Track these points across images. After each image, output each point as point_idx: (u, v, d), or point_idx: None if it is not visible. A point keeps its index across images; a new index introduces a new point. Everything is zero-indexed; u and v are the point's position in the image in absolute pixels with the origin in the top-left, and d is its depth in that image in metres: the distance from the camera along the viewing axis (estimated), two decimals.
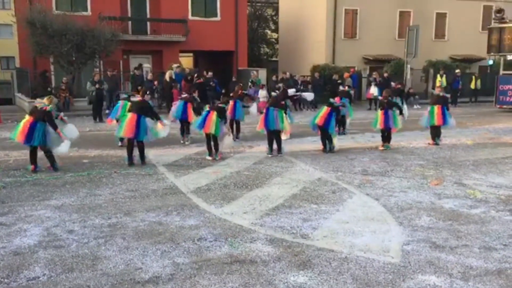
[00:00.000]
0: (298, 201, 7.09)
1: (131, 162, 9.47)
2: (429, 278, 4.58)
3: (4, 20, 27.91)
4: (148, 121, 9.51)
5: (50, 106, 8.87)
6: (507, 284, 4.47)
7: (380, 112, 11.41)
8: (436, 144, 11.88)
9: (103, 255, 5.07)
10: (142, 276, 4.58)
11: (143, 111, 9.49)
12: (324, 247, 5.31)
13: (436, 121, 11.77)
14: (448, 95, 12.55)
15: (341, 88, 14.48)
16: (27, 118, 8.79)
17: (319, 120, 10.76)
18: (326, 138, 10.97)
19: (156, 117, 9.81)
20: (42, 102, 8.94)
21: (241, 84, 14.83)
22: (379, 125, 11.39)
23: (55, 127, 8.81)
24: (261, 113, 10.99)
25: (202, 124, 9.97)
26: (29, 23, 18.99)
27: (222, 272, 4.68)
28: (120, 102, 11.53)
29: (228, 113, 11.51)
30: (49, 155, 9.00)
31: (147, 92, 10.01)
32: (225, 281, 4.49)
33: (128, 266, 4.81)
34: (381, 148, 11.40)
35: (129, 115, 9.44)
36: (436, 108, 11.76)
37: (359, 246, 5.36)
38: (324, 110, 10.88)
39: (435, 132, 12.02)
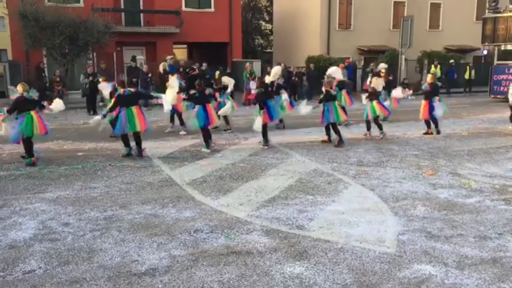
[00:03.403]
0: (294, 192, 7.09)
1: (130, 153, 9.58)
2: (425, 267, 4.61)
3: None
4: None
5: (30, 92, 9.03)
6: (501, 273, 4.50)
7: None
8: (433, 133, 12.09)
9: (99, 248, 5.06)
10: (139, 268, 4.58)
11: (138, 99, 9.74)
12: (320, 238, 5.32)
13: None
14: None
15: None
16: (33, 113, 8.83)
17: (342, 117, 10.97)
18: (334, 130, 10.76)
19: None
20: (20, 92, 8.91)
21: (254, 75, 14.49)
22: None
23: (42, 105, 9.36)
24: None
25: (207, 120, 9.96)
26: (21, 15, 18.79)
27: (219, 263, 4.68)
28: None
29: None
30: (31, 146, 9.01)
31: (132, 81, 10.17)
32: (221, 272, 4.50)
33: (124, 259, 4.80)
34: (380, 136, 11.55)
35: (134, 109, 9.29)
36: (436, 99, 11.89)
37: (355, 236, 5.38)
38: (338, 107, 10.77)
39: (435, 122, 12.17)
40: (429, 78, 12.36)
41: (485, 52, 24.85)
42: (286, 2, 30.62)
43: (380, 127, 11.59)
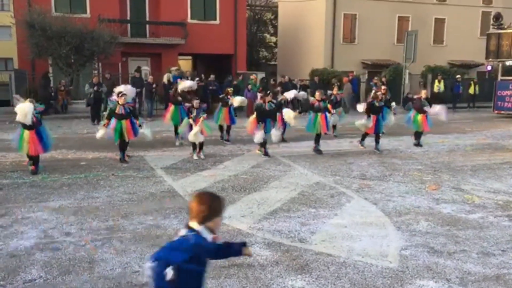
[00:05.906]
0: (296, 205, 7.07)
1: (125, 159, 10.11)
2: (427, 283, 4.57)
3: (3, 21, 27.92)
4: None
5: (36, 105, 9.08)
6: None
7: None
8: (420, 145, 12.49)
9: (100, 258, 5.05)
10: (140, 280, 4.55)
11: (133, 114, 10.27)
12: (322, 252, 5.29)
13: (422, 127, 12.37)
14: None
15: (329, 92, 14.82)
16: (28, 132, 8.70)
17: (321, 128, 11.24)
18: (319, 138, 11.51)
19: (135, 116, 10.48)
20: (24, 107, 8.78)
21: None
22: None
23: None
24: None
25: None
26: (28, 24, 18.99)
27: (220, 276, 4.66)
28: None
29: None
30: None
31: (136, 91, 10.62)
32: (222, 285, 4.47)
33: (125, 269, 4.78)
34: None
35: (124, 122, 9.89)
36: (421, 117, 12.21)
37: (357, 250, 5.34)
38: (320, 118, 11.19)
39: (419, 135, 12.62)
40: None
41: (489, 67, 24.89)
42: (290, 16, 30.81)
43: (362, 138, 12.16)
